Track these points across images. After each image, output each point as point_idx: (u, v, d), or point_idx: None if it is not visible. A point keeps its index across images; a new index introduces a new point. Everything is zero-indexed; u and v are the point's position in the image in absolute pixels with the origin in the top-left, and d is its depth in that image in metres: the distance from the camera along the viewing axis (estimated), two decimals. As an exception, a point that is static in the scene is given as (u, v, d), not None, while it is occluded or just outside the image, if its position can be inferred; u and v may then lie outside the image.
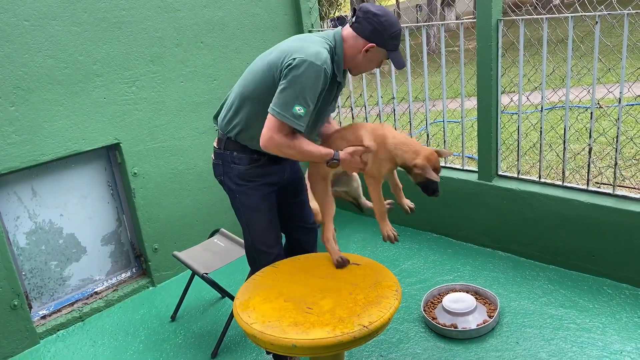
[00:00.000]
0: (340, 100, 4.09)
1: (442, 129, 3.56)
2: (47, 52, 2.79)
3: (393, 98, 3.70)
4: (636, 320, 2.57)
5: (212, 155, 2.38)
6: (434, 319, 2.73)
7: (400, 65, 2.13)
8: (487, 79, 3.06)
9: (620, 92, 2.72)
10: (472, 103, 3.47)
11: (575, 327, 2.57)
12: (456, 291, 2.90)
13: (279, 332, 1.70)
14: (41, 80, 2.79)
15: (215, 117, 2.42)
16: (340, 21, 15.05)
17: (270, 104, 2.01)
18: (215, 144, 2.35)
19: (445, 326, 2.64)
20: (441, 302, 2.79)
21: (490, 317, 2.68)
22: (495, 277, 3.08)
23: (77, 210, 3.16)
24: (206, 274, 2.71)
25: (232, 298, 2.78)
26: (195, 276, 2.93)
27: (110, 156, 3.24)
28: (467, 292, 2.87)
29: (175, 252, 3.00)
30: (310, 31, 3.99)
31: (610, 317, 2.61)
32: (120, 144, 3.14)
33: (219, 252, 2.95)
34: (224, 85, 3.59)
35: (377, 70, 3.77)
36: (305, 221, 2.55)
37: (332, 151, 2.13)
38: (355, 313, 1.77)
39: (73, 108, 2.92)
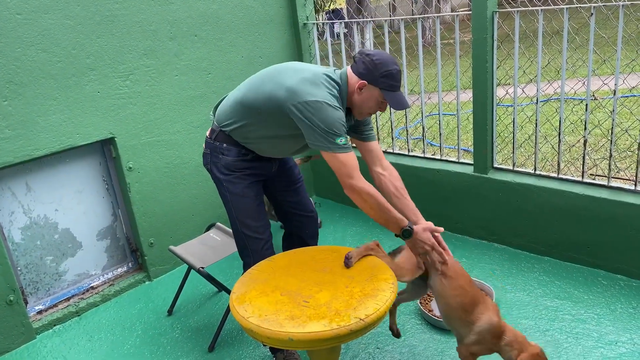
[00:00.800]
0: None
1: (438, 122, 3.56)
2: (40, 45, 2.76)
3: (388, 91, 3.68)
4: (631, 311, 2.59)
5: (204, 145, 2.46)
6: (430, 311, 2.74)
7: (396, 105, 2.17)
8: (483, 71, 3.06)
9: (616, 84, 2.73)
10: (467, 96, 3.47)
11: (570, 318, 2.59)
12: (452, 283, 2.91)
13: (275, 326, 1.70)
14: (34, 75, 2.76)
15: (216, 108, 2.48)
16: (336, 14, 14.97)
17: (315, 141, 2.08)
18: (207, 134, 2.44)
19: (442, 318, 2.65)
20: (437, 294, 2.79)
21: (486, 309, 2.69)
22: (490, 269, 3.09)
23: (72, 205, 3.15)
24: (202, 268, 2.71)
25: (228, 292, 2.78)
26: (192, 270, 2.93)
27: (105, 150, 3.23)
28: (463, 284, 2.88)
29: (171, 247, 3.00)
30: (305, 24, 3.97)
31: (605, 308, 2.63)
32: (115, 138, 3.13)
33: (215, 246, 2.95)
34: (219, 79, 3.57)
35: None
36: (302, 209, 2.61)
37: (406, 220, 2.15)
38: (351, 306, 1.77)
39: (67, 102, 2.90)
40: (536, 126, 3.12)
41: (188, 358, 2.64)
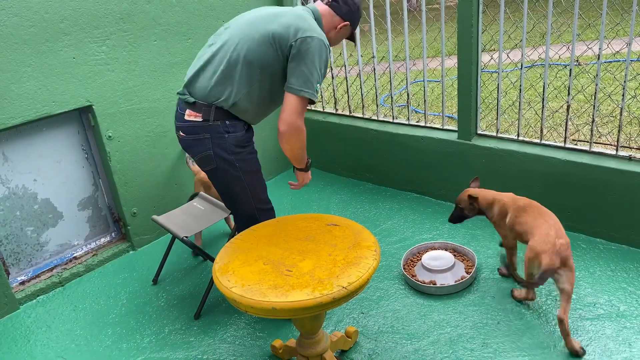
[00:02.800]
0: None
1: (423, 89, 3.53)
2: (11, 9, 2.65)
3: (373, 57, 3.63)
4: (609, 273, 2.65)
5: (185, 132, 2.26)
6: (413, 276, 2.77)
7: (357, 42, 2.47)
8: (468, 36, 3.02)
9: (600, 49, 2.71)
10: (452, 62, 3.43)
11: (549, 281, 2.63)
12: (435, 249, 2.94)
13: (258, 295, 1.70)
14: (6, 40, 2.66)
15: (188, 85, 2.30)
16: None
17: (289, 83, 2.12)
18: (192, 117, 2.23)
19: (425, 283, 2.69)
20: (420, 260, 2.83)
21: (468, 273, 2.73)
22: (473, 234, 3.13)
23: (51, 175, 3.09)
24: (186, 237, 2.69)
25: (212, 260, 2.78)
26: (176, 240, 2.92)
27: (83, 119, 3.15)
28: (446, 250, 2.92)
29: (154, 216, 2.97)
30: (287, -13, 3.87)
31: (584, 271, 2.69)
32: (93, 106, 3.05)
33: (198, 215, 2.93)
34: (199, 45, 3.47)
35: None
36: None
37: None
38: (334, 274, 1.78)
39: (41, 69, 2.81)
40: (520, 92, 3.11)
41: (174, 326, 2.66)
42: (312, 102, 2.19)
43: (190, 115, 2.25)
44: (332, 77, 3.98)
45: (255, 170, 2.37)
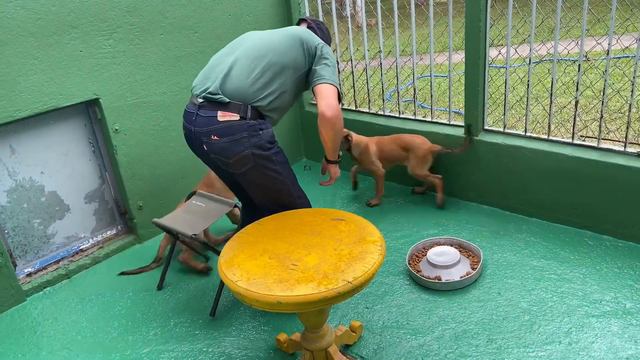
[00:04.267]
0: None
1: (429, 84, 3.51)
2: (19, 2, 2.66)
3: (380, 52, 3.62)
4: (616, 270, 2.63)
5: (219, 135, 2.25)
6: (418, 271, 2.77)
7: None
8: (476, 30, 2.99)
9: (609, 44, 2.69)
10: (459, 57, 3.41)
11: (556, 278, 2.63)
12: (440, 245, 2.94)
13: (264, 289, 1.71)
14: (13, 32, 2.67)
15: (220, 87, 2.30)
16: None
17: (322, 77, 2.34)
18: (227, 117, 2.24)
19: (430, 278, 2.69)
20: (426, 255, 2.82)
21: (473, 269, 2.73)
22: (478, 230, 3.12)
23: (58, 168, 3.11)
24: (195, 234, 2.64)
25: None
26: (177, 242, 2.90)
27: (90, 112, 3.16)
28: (452, 246, 2.91)
29: (155, 219, 2.85)
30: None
31: (591, 268, 2.67)
32: (100, 100, 3.06)
33: (201, 213, 2.90)
34: (206, 38, 3.48)
35: (363, 23, 3.68)
36: None
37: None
38: (339, 269, 1.78)
39: (48, 62, 2.82)
40: (528, 87, 3.08)
41: (179, 319, 2.67)
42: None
43: (224, 116, 2.24)
44: (339, 72, 3.97)
45: (287, 161, 2.43)
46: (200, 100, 2.33)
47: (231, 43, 2.52)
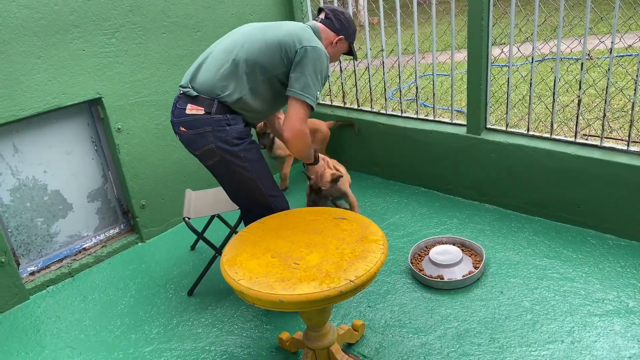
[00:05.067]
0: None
1: (432, 82, 3.51)
2: (22, 1, 2.66)
3: (382, 50, 3.62)
4: (618, 269, 2.63)
5: (186, 127, 2.28)
6: (420, 270, 2.77)
7: (356, 56, 2.61)
8: (478, 29, 2.99)
9: (612, 42, 2.68)
10: (462, 55, 3.41)
11: (558, 277, 2.63)
12: (443, 243, 2.94)
13: (266, 288, 1.71)
14: (16, 32, 2.68)
15: (191, 80, 2.33)
16: None
17: (292, 88, 2.21)
18: (194, 111, 2.26)
19: (432, 277, 2.68)
20: (428, 254, 2.82)
21: (475, 268, 2.73)
22: (481, 229, 3.12)
23: (61, 167, 3.11)
24: (188, 218, 2.72)
25: (215, 249, 2.80)
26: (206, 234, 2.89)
27: (92, 111, 3.17)
28: (454, 244, 2.91)
29: (188, 190, 3.03)
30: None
31: (594, 267, 2.67)
32: (102, 99, 3.06)
33: (220, 200, 2.93)
34: (208, 37, 3.48)
35: (365, 22, 3.68)
36: None
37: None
38: (341, 268, 1.78)
39: (51, 61, 2.82)
40: (530, 86, 3.08)
41: (182, 317, 2.67)
42: (311, 109, 2.27)
43: (192, 109, 2.27)
44: (341, 71, 3.97)
45: (259, 158, 2.38)
46: (180, 92, 2.38)
47: (224, 36, 2.46)
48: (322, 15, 2.48)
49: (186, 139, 2.33)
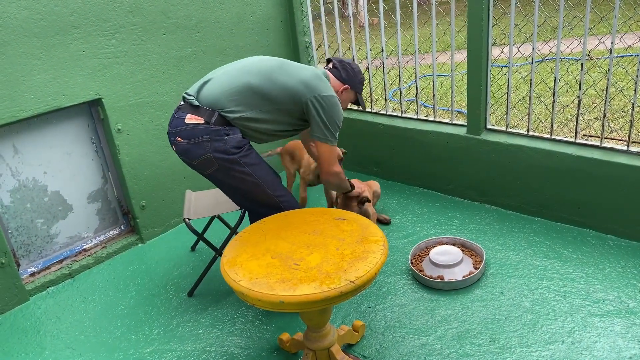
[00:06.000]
0: (328, 54, 4.00)
1: (432, 83, 3.51)
2: (21, 2, 2.66)
3: (382, 51, 3.62)
4: (619, 270, 2.63)
5: (183, 137, 2.30)
6: (421, 271, 2.77)
7: (364, 106, 2.70)
8: (478, 29, 2.99)
9: (612, 43, 2.68)
10: (462, 56, 3.41)
11: (558, 277, 2.62)
12: (443, 244, 2.94)
13: (266, 289, 1.71)
14: (16, 33, 2.68)
15: (197, 92, 2.38)
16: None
17: (315, 133, 2.37)
18: (193, 120, 2.29)
19: (432, 278, 2.68)
20: (428, 255, 2.82)
21: (476, 268, 2.72)
22: (481, 229, 3.12)
23: (61, 168, 3.11)
24: (188, 219, 2.72)
25: (215, 249, 2.80)
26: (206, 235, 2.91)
27: (92, 112, 3.17)
28: (454, 245, 2.91)
29: (188, 191, 3.04)
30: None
31: (594, 267, 2.67)
32: (102, 100, 3.06)
33: (221, 201, 2.93)
34: (208, 38, 3.48)
35: (365, 23, 3.68)
36: None
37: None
38: (342, 268, 1.78)
39: (51, 62, 2.82)
40: (531, 86, 3.08)
41: (182, 318, 2.67)
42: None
43: (191, 119, 2.30)
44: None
45: (259, 162, 2.40)
46: (181, 102, 2.41)
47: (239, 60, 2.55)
48: (330, 65, 2.60)
49: (182, 149, 2.33)
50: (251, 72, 2.35)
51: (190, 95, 2.38)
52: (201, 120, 2.28)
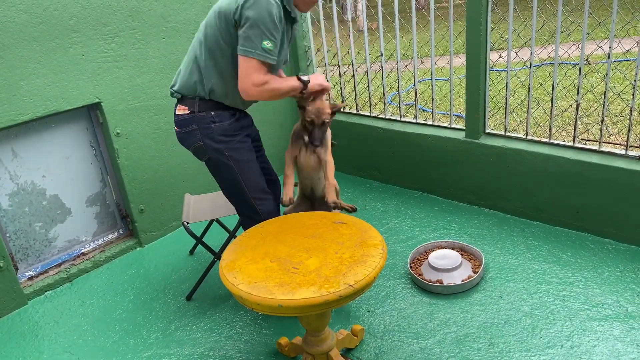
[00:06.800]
0: (327, 59, 4.01)
1: (430, 87, 3.52)
2: (21, 6, 2.67)
3: (381, 55, 3.62)
4: (617, 274, 2.63)
5: (177, 126, 2.35)
6: (420, 275, 2.76)
7: None
8: (476, 34, 3.00)
9: (610, 47, 2.69)
10: (460, 60, 3.42)
11: (557, 281, 2.62)
12: (442, 248, 2.93)
13: (265, 293, 1.70)
14: (15, 37, 2.68)
15: (173, 86, 2.39)
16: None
17: (238, 47, 2.10)
18: (181, 111, 2.32)
19: (431, 282, 2.68)
20: (427, 259, 2.82)
21: (475, 272, 2.72)
22: (480, 233, 3.12)
23: (60, 172, 3.11)
24: (187, 222, 2.74)
25: (213, 253, 2.81)
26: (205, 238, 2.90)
27: (91, 116, 3.17)
28: (453, 249, 2.91)
29: (187, 194, 2.97)
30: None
31: (593, 271, 2.67)
32: (102, 103, 3.07)
33: (220, 205, 2.93)
34: (207, 42, 3.48)
35: (364, 27, 3.68)
36: (268, 173, 2.62)
37: (296, 79, 2.29)
38: (340, 272, 1.78)
39: (50, 65, 2.83)
40: (529, 91, 3.09)
41: (180, 322, 2.67)
42: (263, 63, 2.12)
43: (180, 110, 2.34)
44: (340, 75, 3.97)
45: (244, 159, 2.36)
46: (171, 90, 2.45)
47: None
48: None
49: (179, 137, 2.40)
50: (195, 41, 2.30)
51: (171, 88, 2.39)
52: (186, 110, 2.31)
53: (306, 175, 2.62)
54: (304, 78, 2.32)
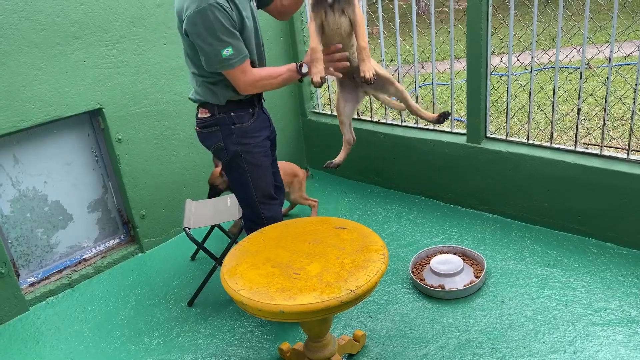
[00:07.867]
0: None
1: (431, 92, 3.52)
2: (23, 13, 2.68)
3: (382, 60, 3.63)
4: (620, 278, 2.62)
5: (199, 127, 2.39)
6: (421, 280, 2.76)
7: None
8: (477, 38, 3.00)
9: (611, 52, 2.69)
10: (461, 65, 3.43)
11: (560, 286, 2.62)
12: (444, 253, 2.93)
13: (266, 298, 1.70)
14: (17, 43, 2.69)
15: (190, 92, 2.43)
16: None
17: (205, 66, 2.16)
18: (203, 114, 2.36)
19: (433, 287, 2.67)
20: (429, 263, 2.82)
21: (477, 277, 2.72)
22: (482, 238, 3.11)
23: (61, 177, 3.12)
24: (188, 228, 2.75)
25: (215, 259, 2.81)
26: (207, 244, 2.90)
27: (93, 122, 3.18)
28: (455, 254, 2.90)
29: (189, 200, 2.98)
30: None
31: (595, 276, 2.66)
32: (103, 109, 3.07)
33: (221, 210, 2.94)
34: (208, 48, 3.49)
35: (365, 32, 3.69)
36: (277, 179, 2.64)
37: (293, 64, 2.25)
38: (342, 278, 1.78)
39: (52, 72, 2.84)
40: (530, 95, 3.09)
41: (182, 328, 2.66)
42: (239, 62, 2.12)
43: (202, 113, 2.37)
44: (341, 80, 3.98)
45: (259, 164, 2.40)
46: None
47: None
48: None
49: (201, 137, 2.43)
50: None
51: (190, 96, 2.44)
52: (208, 113, 2.34)
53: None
54: (304, 70, 2.22)
